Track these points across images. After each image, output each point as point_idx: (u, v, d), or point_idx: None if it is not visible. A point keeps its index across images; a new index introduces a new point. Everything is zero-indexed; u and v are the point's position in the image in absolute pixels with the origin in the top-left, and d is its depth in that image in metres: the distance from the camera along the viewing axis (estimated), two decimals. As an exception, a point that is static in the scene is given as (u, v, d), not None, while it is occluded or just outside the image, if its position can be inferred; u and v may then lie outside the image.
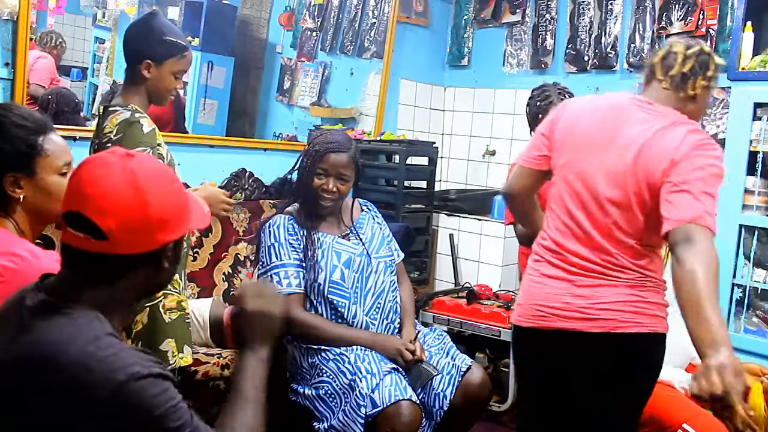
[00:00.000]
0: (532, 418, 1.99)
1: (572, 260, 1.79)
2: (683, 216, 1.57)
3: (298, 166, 2.37)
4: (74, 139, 2.53)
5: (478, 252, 3.72)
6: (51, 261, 1.41)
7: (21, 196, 1.47)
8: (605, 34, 3.60)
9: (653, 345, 1.80)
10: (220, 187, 3.09)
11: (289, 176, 2.46)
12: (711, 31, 3.16)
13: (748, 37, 2.81)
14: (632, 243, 1.75)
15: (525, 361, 1.97)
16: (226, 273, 3.12)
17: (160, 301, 2.00)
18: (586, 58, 3.68)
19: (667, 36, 3.31)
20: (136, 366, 1.03)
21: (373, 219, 2.51)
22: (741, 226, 2.75)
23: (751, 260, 2.75)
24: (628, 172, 1.73)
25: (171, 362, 2.02)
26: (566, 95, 2.57)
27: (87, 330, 1.06)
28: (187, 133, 3.17)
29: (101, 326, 1.08)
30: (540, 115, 2.46)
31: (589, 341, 1.77)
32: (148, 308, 1.98)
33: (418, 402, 2.10)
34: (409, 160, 3.63)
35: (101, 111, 2.09)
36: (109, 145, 1.93)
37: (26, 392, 1.03)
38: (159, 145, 2.01)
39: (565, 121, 1.87)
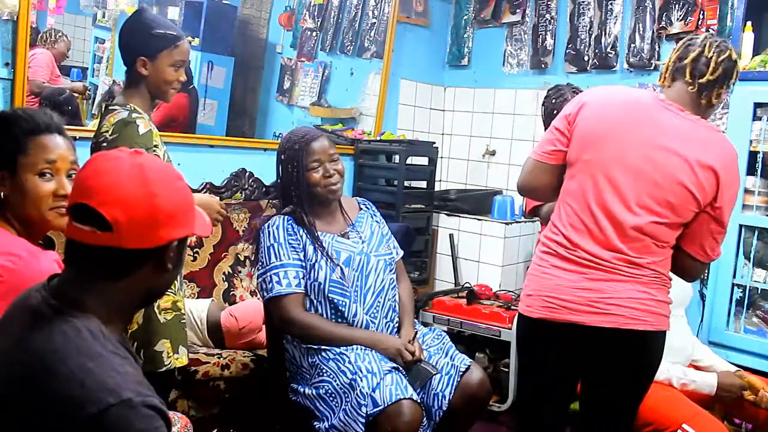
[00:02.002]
0: (533, 409, 1.99)
1: (585, 256, 1.79)
2: (715, 255, 1.87)
3: (282, 175, 2.34)
4: (74, 139, 2.53)
5: (478, 252, 3.72)
6: (50, 261, 1.40)
7: (2, 194, 1.47)
8: (605, 34, 3.60)
9: (657, 342, 1.84)
10: (217, 188, 3.09)
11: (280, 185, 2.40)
12: (711, 31, 3.15)
13: (748, 37, 2.81)
14: (650, 243, 1.77)
15: (532, 351, 1.95)
16: (226, 273, 3.12)
17: (156, 301, 2.00)
18: (586, 58, 3.68)
19: (668, 36, 3.31)
20: (129, 392, 1.00)
21: (372, 217, 2.51)
22: (741, 226, 2.75)
23: (751, 260, 2.75)
24: (666, 180, 1.74)
25: (166, 363, 2.01)
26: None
27: (90, 345, 1.04)
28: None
29: (105, 342, 1.06)
30: (555, 112, 2.48)
31: (597, 335, 1.78)
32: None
33: (419, 401, 2.10)
34: (409, 160, 3.63)
35: (102, 110, 2.08)
36: (105, 144, 1.92)
37: (17, 395, 1.02)
38: (156, 146, 1.99)
39: (587, 116, 1.82)
